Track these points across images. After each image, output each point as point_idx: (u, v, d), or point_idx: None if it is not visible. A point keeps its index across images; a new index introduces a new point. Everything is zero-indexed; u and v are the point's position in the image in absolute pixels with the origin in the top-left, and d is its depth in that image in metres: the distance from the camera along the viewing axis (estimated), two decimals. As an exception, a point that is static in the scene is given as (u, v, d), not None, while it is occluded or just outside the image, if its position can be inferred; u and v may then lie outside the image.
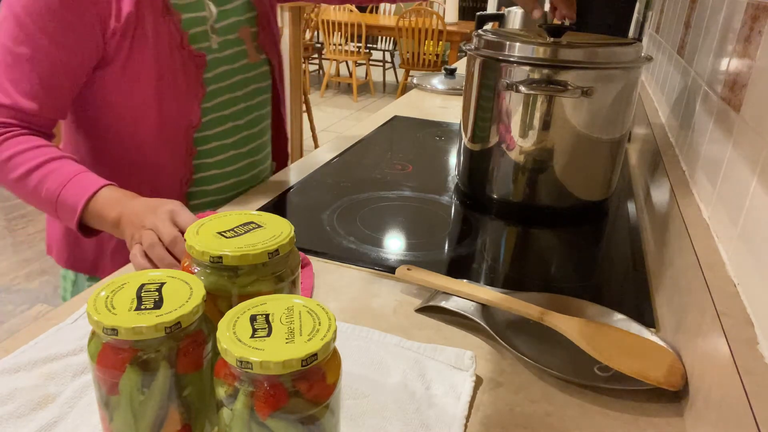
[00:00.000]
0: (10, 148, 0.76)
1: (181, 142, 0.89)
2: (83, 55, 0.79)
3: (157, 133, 0.87)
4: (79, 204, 0.73)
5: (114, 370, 0.38)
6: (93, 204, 0.74)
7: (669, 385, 0.53)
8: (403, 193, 0.99)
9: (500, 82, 0.86)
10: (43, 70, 0.77)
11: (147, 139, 0.88)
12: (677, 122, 1.00)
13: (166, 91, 0.85)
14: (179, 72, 0.85)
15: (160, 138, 0.88)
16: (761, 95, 0.56)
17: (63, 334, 0.58)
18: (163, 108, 0.86)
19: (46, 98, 0.78)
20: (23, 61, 0.75)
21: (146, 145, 0.88)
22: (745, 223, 0.54)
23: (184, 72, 0.86)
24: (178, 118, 0.88)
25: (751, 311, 0.49)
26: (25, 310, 2.19)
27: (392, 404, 0.51)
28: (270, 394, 0.35)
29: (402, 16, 4.92)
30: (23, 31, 0.74)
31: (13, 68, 0.76)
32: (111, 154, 0.89)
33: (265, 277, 0.44)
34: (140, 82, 0.83)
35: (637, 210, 0.96)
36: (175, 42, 0.84)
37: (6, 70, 0.76)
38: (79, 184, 0.75)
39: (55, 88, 0.79)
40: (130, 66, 0.82)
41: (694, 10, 1.05)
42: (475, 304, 0.65)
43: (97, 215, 0.74)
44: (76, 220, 0.74)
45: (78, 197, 0.74)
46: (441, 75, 1.88)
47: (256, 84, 0.98)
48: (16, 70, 0.76)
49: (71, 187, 0.74)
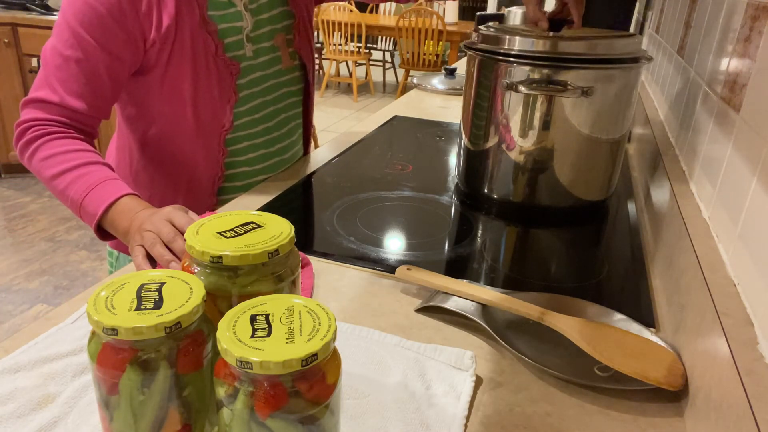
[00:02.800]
0: (52, 148, 0.81)
1: (214, 145, 0.96)
2: (125, 61, 0.85)
3: (192, 135, 0.94)
4: (98, 210, 0.77)
5: (114, 370, 0.38)
6: (111, 212, 0.77)
7: (669, 385, 0.53)
8: (403, 193, 0.99)
9: (500, 82, 0.86)
10: (89, 72, 0.82)
11: (183, 139, 0.94)
12: (677, 122, 1.00)
13: (201, 97, 0.91)
14: (214, 79, 0.91)
15: (195, 140, 0.94)
16: (761, 95, 0.56)
17: (63, 334, 0.58)
18: (198, 113, 0.92)
19: (91, 98, 0.84)
20: (72, 62, 0.81)
21: (183, 145, 0.95)
22: (745, 223, 0.54)
23: (218, 79, 0.91)
24: (211, 122, 0.94)
25: (751, 311, 0.49)
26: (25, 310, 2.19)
27: (392, 404, 0.51)
28: (270, 394, 0.35)
29: (402, 16, 4.92)
30: (73, 36, 0.81)
31: (62, 69, 0.82)
32: (155, 148, 0.96)
33: (265, 277, 0.44)
34: (177, 89, 0.89)
35: (637, 210, 0.96)
36: (210, 51, 0.89)
37: (55, 71, 0.82)
38: (103, 190, 0.78)
39: (99, 89, 0.84)
40: (168, 74, 0.88)
41: (694, 10, 1.05)
42: (475, 304, 0.65)
43: (112, 223, 0.78)
44: (95, 225, 0.78)
45: (98, 204, 0.77)
46: (441, 75, 1.88)
47: (287, 88, 1.03)
48: (64, 71, 0.82)
49: (95, 194, 0.78)
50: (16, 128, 0.83)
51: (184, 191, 0.98)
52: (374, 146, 1.24)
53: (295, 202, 0.94)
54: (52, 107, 0.82)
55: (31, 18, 3.10)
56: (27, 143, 0.82)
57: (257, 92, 0.98)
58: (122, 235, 0.76)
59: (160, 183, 0.98)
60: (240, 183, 1.02)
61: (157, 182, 0.98)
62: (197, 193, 0.98)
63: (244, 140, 0.99)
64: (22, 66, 3.17)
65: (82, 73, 0.82)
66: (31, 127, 0.82)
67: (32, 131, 0.82)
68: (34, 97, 0.83)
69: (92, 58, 0.82)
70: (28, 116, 0.83)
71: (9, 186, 3.28)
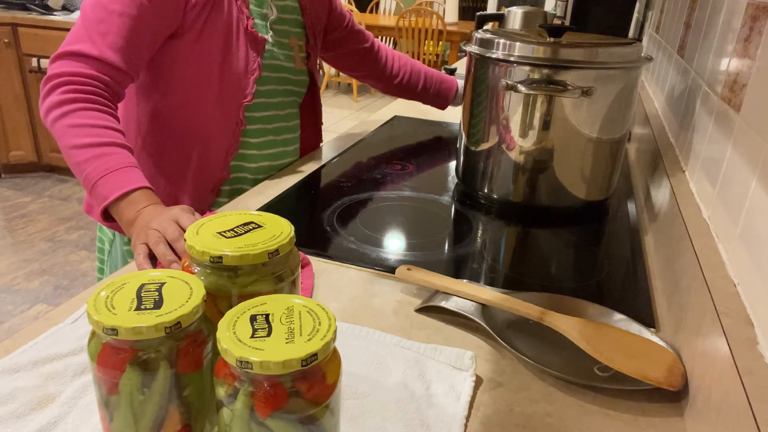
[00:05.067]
0: (82, 118, 0.79)
1: (233, 115, 0.97)
2: (165, 20, 0.86)
3: (213, 104, 0.95)
4: (111, 196, 0.76)
5: (114, 370, 0.38)
6: (123, 201, 0.76)
7: (669, 385, 0.53)
8: (403, 193, 0.99)
9: (500, 82, 0.86)
10: (132, 28, 0.83)
11: (204, 108, 0.95)
12: (677, 122, 1.00)
13: (229, 67, 0.93)
14: (242, 52, 0.94)
15: (216, 108, 0.95)
16: (761, 95, 0.56)
17: (63, 334, 0.58)
18: (224, 82, 0.94)
19: (129, 54, 0.84)
20: (115, 16, 0.82)
21: (202, 114, 0.96)
22: (745, 223, 0.54)
23: (246, 52, 0.95)
24: (235, 93, 0.96)
25: (751, 311, 0.49)
26: (25, 310, 2.19)
27: (392, 404, 0.51)
28: (270, 394, 0.35)
29: (402, 16, 4.92)
30: None
31: (104, 22, 0.82)
32: (167, 118, 0.96)
33: (265, 277, 0.44)
34: (207, 56, 0.91)
35: (637, 210, 0.96)
36: (243, 23, 0.93)
37: (98, 24, 0.82)
38: (121, 177, 0.77)
39: (139, 45, 0.84)
40: (202, 39, 0.90)
41: (694, 10, 1.05)
42: (475, 304, 0.65)
43: (119, 211, 0.76)
44: (103, 207, 0.77)
45: (112, 190, 0.76)
46: (441, 75, 1.87)
47: (295, 87, 1.07)
48: (106, 24, 0.82)
49: (112, 178, 0.77)
50: (47, 82, 0.80)
51: (195, 163, 0.98)
52: (374, 146, 1.24)
53: (295, 202, 0.94)
54: (90, 61, 0.80)
55: (31, 18, 3.10)
56: (57, 104, 0.79)
57: (274, 78, 1.01)
58: (125, 225, 0.76)
59: (172, 155, 0.98)
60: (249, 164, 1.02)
61: (168, 155, 0.98)
62: (208, 167, 0.99)
63: (257, 122, 1.01)
64: (22, 66, 3.17)
65: (125, 28, 0.82)
66: (64, 84, 0.79)
67: (65, 90, 0.79)
68: (70, 50, 0.80)
69: (137, 12, 0.82)
70: (63, 70, 0.79)
71: (9, 186, 3.28)
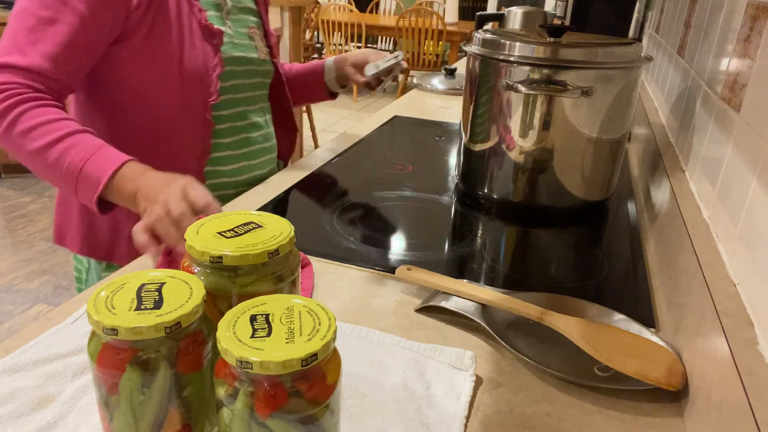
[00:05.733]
0: (31, 119, 0.75)
1: (200, 116, 0.92)
2: (104, 24, 0.80)
3: (178, 106, 0.90)
4: (103, 177, 0.73)
5: (114, 370, 0.38)
6: (116, 179, 0.73)
7: (669, 385, 0.53)
8: (403, 193, 0.99)
9: (500, 82, 0.86)
10: (63, 34, 0.77)
11: (168, 112, 0.90)
12: (677, 122, 1.00)
13: (187, 65, 0.88)
14: (199, 47, 0.88)
15: (180, 111, 0.90)
16: (761, 95, 0.56)
17: (63, 334, 0.58)
18: (184, 81, 0.88)
19: (64, 62, 0.78)
20: (45, 23, 0.76)
21: (166, 119, 0.90)
22: (745, 223, 0.54)
23: (203, 48, 0.89)
24: (199, 92, 0.91)
25: (751, 311, 0.49)
26: (25, 310, 2.19)
27: (392, 404, 0.51)
28: (270, 394, 0.35)
29: (402, 16, 4.91)
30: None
31: (34, 31, 0.76)
32: (128, 130, 0.91)
33: (265, 277, 0.44)
34: (163, 57, 0.86)
35: (637, 210, 0.96)
36: (195, 17, 0.87)
37: (27, 33, 0.76)
38: (103, 158, 0.74)
39: (73, 53, 0.79)
40: (152, 40, 0.84)
41: (694, 10, 1.05)
42: (475, 304, 0.65)
43: (118, 189, 0.73)
44: (98, 193, 0.73)
45: (102, 171, 0.73)
46: (441, 75, 1.88)
47: (261, 78, 1.03)
48: (37, 33, 0.76)
49: (95, 161, 0.74)
50: None
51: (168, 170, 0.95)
52: (374, 146, 1.24)
53: (295, 202, 0.94)
54: (20, 72, 0.76)
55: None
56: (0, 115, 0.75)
57: (238, 72, 0.96)
58: (128, 200, 0.73)
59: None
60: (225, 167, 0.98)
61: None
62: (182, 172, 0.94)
63: (226, 120, 0.96)
64: None
65: (58, 35, 0.77)
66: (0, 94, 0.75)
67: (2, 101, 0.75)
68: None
69: (71, 17, 0.77)
70: None
71: (9, 186, 3.28)
